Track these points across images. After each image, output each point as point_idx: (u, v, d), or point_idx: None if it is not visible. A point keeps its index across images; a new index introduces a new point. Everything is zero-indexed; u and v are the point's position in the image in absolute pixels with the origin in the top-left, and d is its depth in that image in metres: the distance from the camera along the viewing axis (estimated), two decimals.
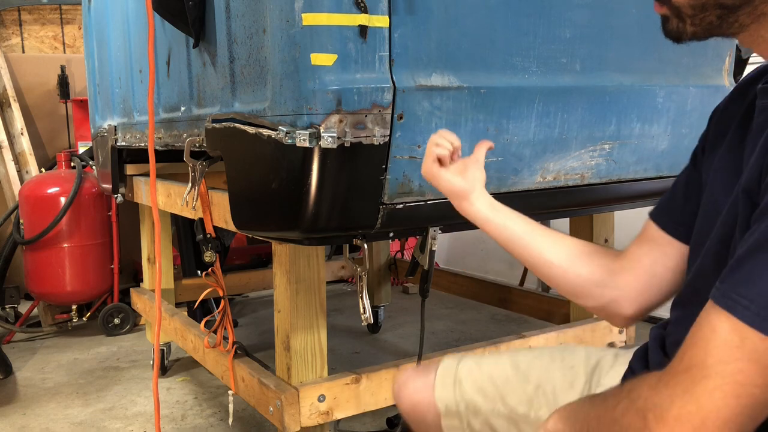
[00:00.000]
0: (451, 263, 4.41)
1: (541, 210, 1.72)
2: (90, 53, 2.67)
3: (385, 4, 1.23)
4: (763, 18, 0.81)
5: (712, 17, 0.83)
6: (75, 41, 4.93)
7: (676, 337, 0.91)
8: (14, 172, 3.82)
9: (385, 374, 1.68)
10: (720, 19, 0.83)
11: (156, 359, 1.91)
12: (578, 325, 2.05)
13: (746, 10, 0.81)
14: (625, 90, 1.61)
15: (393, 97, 1.26)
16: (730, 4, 0.81)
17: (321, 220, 1.28)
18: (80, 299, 3.34)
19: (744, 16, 0.82)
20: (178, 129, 1.81)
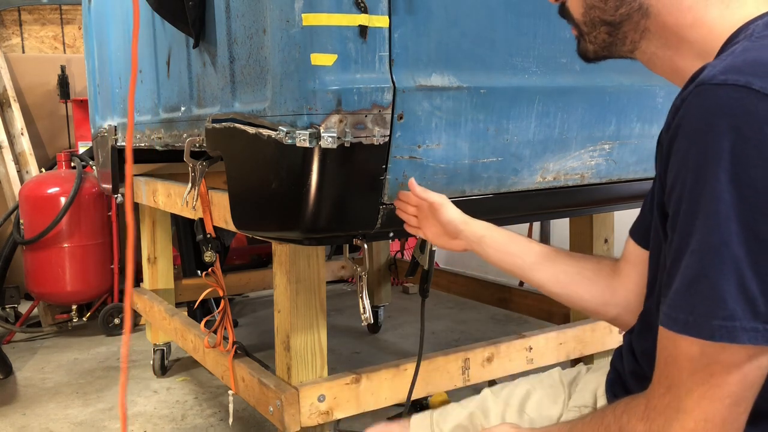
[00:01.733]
0: (451, 263, 4.41)
1: (541, 210, 1.72)
2: (90, 53, 2.67)
3: (385, 4, 1.23)
4: (648, 34, 0.84)
5: (603, 34, 0.87)
6: (75, 41, 4.93)
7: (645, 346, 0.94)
8: (14, 172, 3.82)
9: (385, 374, 1.68)
10: (610, 36, 0.87)
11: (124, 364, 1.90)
12: (578, 325, 2.05)
13: (629, 26, 0.85)
14: (625, 90, 1.61)
15: (393, 97, 1.26)
16: (611, 20, 0.85)
17: (321, 220, 1.28)
18: (80, 299, 3.34)
19: (631, 33, 0.85)
20: (178, 129, 1.81)
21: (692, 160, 0.69)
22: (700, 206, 0.68)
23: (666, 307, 0.71)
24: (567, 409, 1.12)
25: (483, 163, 1.43)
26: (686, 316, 0.69)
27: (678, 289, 0.70)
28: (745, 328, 0.66)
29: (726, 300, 0.66)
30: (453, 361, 1.78)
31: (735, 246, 0.66)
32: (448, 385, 1.79)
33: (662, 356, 0.74)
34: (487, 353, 1.85)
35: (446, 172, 1.38)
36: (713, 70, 0.69)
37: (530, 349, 1.92)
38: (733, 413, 0.69)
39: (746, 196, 0.65)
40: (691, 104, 0.70)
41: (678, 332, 0.70)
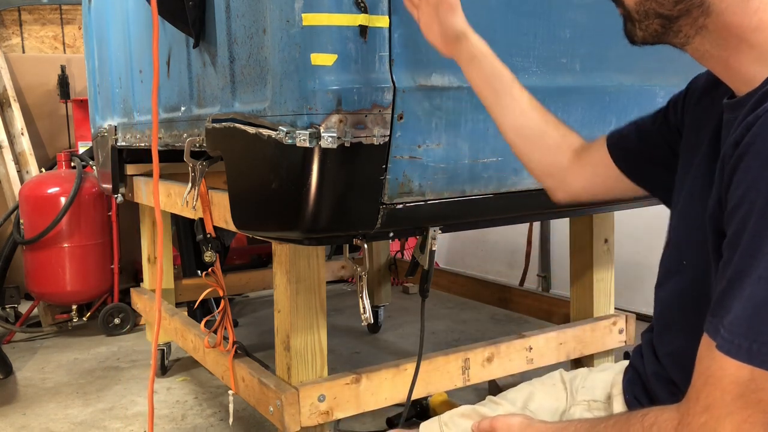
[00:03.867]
0: (451, 263, 4.41)
1: (541, 210, 1.72)
2: (90, 53, 2.67)
3: (385, 4, 1.23)
4: (704, 31, 0.82)
5: (655, 26, 0.85)
6: (75, 41, 4.93)
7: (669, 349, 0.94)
8: (14, 172, 3.81)
9: (385, 374, 1.68)
10: (663, 28, 0.84)
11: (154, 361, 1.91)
12: (578, 325, 2.05)
13: (686, 21, 0.82)
14: (625, 90, 1.61)
15: (393, 97, 1.26)
16: (668, 14, 0.82)
17: (321, 220, 1.28)
18: (80, 299, 3.34)
19: (687, 27, 0.82)
20: (178, 129, 1.81)
21: (765, 181, 0.68)
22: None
23: (725, 331, 0.70)
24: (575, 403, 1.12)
25: (483, 163, 1.42)
26: (750, 344, 0.68)
27: (741, 315, 0.69)
28: None
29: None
30: (453, 361, 1.78)
31: None
32: (448, 385, 1.79)
33: (703, 375, 0.72)
34: (487, 353, 1.85)
35: (446, 172, 1.38)
36: None
37: (530, 349, 1.92)
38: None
39: None
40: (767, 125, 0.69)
41: (737, 359, 0.69)
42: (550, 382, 1.19)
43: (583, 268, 2.16)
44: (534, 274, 3.84)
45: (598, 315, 2.14)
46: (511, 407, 1.13)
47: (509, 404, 1.15)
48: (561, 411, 1.13)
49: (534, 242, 3.79)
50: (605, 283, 2.16)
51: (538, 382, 1.20)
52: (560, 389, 1.17)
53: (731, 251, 0.72)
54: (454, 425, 1.12)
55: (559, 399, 1.15)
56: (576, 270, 2.19)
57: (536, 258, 3.82)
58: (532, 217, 2.42)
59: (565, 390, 1.16)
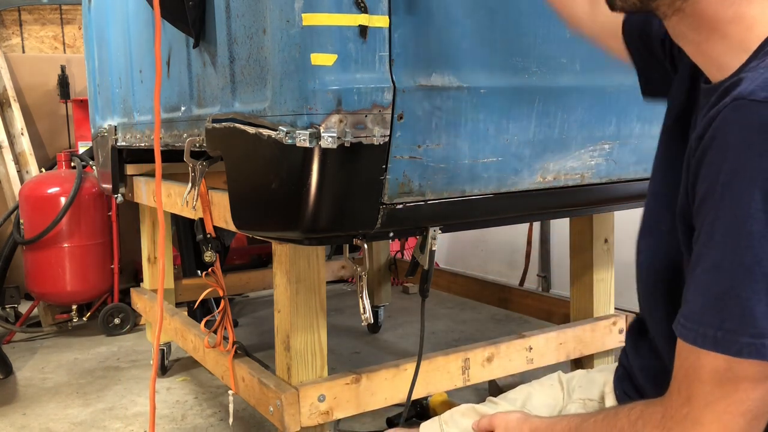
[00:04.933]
0: (451, 263, 4.41)
1: (541, 210, 1.72)
2: (90, 53, 2.67)
3: (385, 4, 1.23)
4: (681, 13, 0.81)
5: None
6: (75, 41, 4.93)
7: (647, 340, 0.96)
8: (14, 172, 3.82)
9: (385, 374, 1.68)
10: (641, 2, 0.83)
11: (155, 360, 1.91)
12: (578, 325, 2.05)
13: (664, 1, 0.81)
14: (625, 90, 1.61)
15: (393, 97, 1.26)
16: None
17: (321, 220, 1.28)
18: (80, 299, 3.34)
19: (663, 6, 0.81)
20: (178, 129, 1.81)
21: (726, 176, 0.68)
22: (733, 224, 0.68)
23: (690, 321, 0.71)
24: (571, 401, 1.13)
25: (483, 163, 1.42)
26: (714, 332, 0.69)
27: (705, 303, 0.70)
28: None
29: (756, 318, 0.66)
30: (453, 361, 1.78)
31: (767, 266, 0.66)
32: (448, 385, 1.79)
33: (683, 367, 0.73)
34: (487, 353, 1.85)
35: (446, 172, 1.38)
36: (752, 85, 0.68)
37: (530, 349, 1.92)
38: (753, 427, 0.69)
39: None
40: (728, 119, 0.69)
41: (705, 348, 0.69)
42: (548, 383, 1.20)
43: (583, 268, 2.16)
44: (534, 274, 3.84)
45: (598, 315, 2.14)
46: (510, 406, 1.14)
47: (508, 404, 1.15)
48: (558, 409, 1.14)
49: (534, 242, 3.79)
50: (605, 283, 2.16)
51: (536, 383, 1.21)
52: (557, 389, 1.18)
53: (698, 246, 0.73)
54: (454, 424, 1.13)
55: (556, 398, 1.16)
56: (576, 270, 2.19)
57: (536, 258, 3.82)
58: (532, 217, 2.42)
59: (562, 390, 1.17)
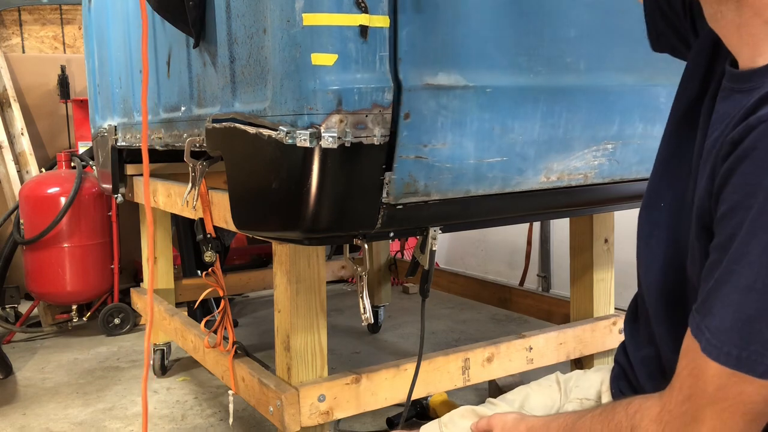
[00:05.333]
0: (451, 263, 4.41)
1: (544, 209, 1.72)
2: (90, 53, 2.67)
3: (385, 4, 1.23)
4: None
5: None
6: (75, 41, 4.93)
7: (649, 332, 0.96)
8: (14, 172, 3.82)
9: (385, 374, 1.68)
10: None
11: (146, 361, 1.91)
12: (578, 325, 2.05)
13: None
14: (629, 89, 1.60)
15: (393, 97, 1.26)
16: None
17: (321, 220, 1.28)
18: (80, 299, 3.34)
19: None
20: (179, 129, 1.81)
21: (764, 191, 0.67)
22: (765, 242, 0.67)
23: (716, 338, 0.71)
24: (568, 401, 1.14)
25: (488, 162, 1.42)
26: (739, 352, 0.69)
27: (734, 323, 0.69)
28: None
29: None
30: (453, 361, 1.78)
31: None
32: (448, 385, 1.79)
33: (688, 367, 0.73)
34: (487, 353, 1.84)
35: (452, 172, 1.38)
36: None
37: (530, 349, 1.92)
38: (752, 428, 0.70)
39: None
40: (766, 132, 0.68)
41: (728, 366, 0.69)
42: (545, 383, 1.21)
43: (583, 268, 2.16)
44: (534, 274, 3.84)
45: (598, 315, 2.14)
46: (508, 407, 1.14)
47: (506, 405, 1.16)
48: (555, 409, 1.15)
49: (534, 242, 3.79)
50: (605, 283, 2.16)
51: (534, 384, 1.21)
52: (555, 390, 1.19)
53: (722, 254, 0.72)
54: (454, 425, 1.13)
55: (553, 398, 1.17)
56: (576, 270, 2.19)
57: (536, 258, 3.82)
58: (532, 217, 2.42)
59: (560, 390, 1.18)
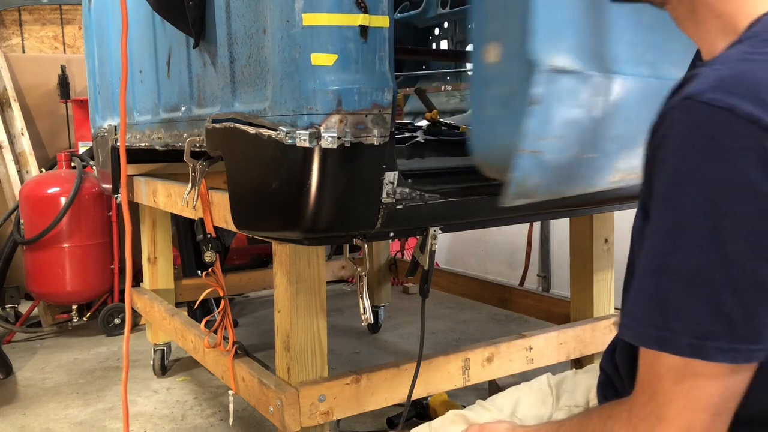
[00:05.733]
0: (451, 263, 4.41)
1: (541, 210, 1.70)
2: (90, 53, 2.67)
3: (385, 4, 1.23)
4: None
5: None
6: (75, 41, 4.93)
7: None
8: (14, 172, 3.82)
9: (385, 374, 1.68)
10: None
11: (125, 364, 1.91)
12: (578, 325, 2.05)
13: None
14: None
15: (393, 97, 1.26)
16: None
17: (321, 220, 1.28)
18: (80, 299, 3.34)
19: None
20: (179, 129, 1.81)
21: (674, 176, 0.68)
22: (674, 228, 0.68)
23: (633, 321, 0.72)
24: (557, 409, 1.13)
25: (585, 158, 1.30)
26: (658, 332, 0.69)
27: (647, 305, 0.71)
28: (722, 349, 0.66)
29: (702, 321, 0.67)
30: (453, 361, 1.78)
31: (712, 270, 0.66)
32: (448, 385, 1.79)
33: (644, 366, 0.74)
34: (487, 353, 1.84)
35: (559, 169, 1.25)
36: (704, 83, 0.67)
37: (530, 349, 1.92)
38: (716, 423, 0.70)
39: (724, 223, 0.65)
40: (676, 119, 0.68)
41: (651, 348, 0.70)
42: (537, 385, 1.19)
43: (583, 268, 2.16)
44: (534, 274, 3.84)
45: (598, 315, 2.14)
46: (499, 414, 1.14)
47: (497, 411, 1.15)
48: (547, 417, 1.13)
49: (534, 242, 3.79)
50: (605, 283, 2.16)
51: (525, 387, 1.19)
52: (547, 394, 1.17)
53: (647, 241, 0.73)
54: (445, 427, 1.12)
55: (545, 403, 1.15)
56: (576, 270, 2.19)
57: (536, 258, 3.82)
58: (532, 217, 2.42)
59: (552, 395, 1.17)
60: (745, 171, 0.64)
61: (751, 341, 0.66)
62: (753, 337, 0.66)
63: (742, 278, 0.65)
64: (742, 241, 0.65)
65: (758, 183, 0.64)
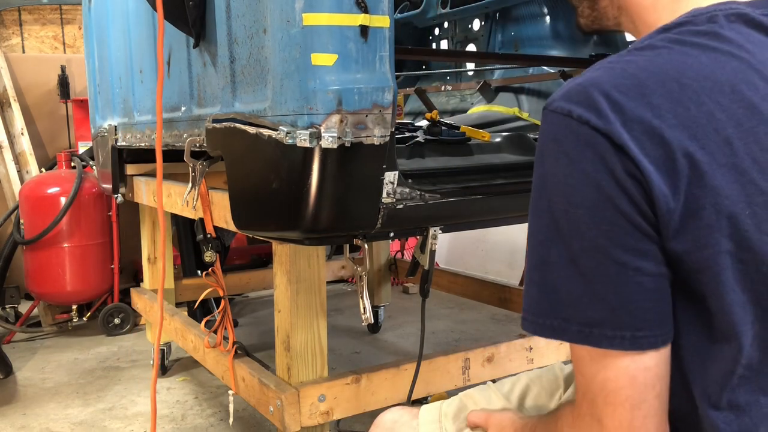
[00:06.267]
0: (451, 263, 4.41)
1: None
2: (90, 53, 2.67)
3: (385, 4, 1.23)
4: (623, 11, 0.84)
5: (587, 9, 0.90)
6: (75, 41, 4.93)
7: None
8: (14, 172, 3.82)
9: (385, 374, 1.68)
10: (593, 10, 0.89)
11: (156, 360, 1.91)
12: None
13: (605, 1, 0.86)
14: None
15: (394, 97, 1.26)
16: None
17: (321, 220, 1.28)
18: (80, 299, 3.34)
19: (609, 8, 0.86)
20: (179, 129, 1.81)
21: (534, 181, 0.74)
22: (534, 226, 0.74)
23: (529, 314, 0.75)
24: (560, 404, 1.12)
25: None
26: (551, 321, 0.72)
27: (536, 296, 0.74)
28: (606, 335, 0.68)
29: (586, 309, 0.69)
30: (453, 361, 1.78)
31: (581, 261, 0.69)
32: (448, 385, 1.79)
33: (576, 366, 0.75)
34: (487, 353, 1.85)
35: None
36: (557, 93, 0.73)
37: (530, 349, 1.93)
38: (637, 417, 0.69)
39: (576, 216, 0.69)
40: (541, 128, 0.74)
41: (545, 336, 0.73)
42: (547, 376, 1.18)
43: None
44: None
45: None
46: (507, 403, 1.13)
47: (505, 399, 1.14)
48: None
49: None
50: None
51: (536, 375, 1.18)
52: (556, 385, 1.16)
53: None
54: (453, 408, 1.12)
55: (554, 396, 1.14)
56: None
57: None
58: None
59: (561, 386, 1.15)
60: (583, 165, 0.68)
61: (635, 328, 0.68)
62: (635, 323, 0.68)
63: (605, 265, 0.68)
64: (595, 231, 0.68)
65: (593, 174, 0.68)
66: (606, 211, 0.68)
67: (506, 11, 2.85)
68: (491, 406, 1.12)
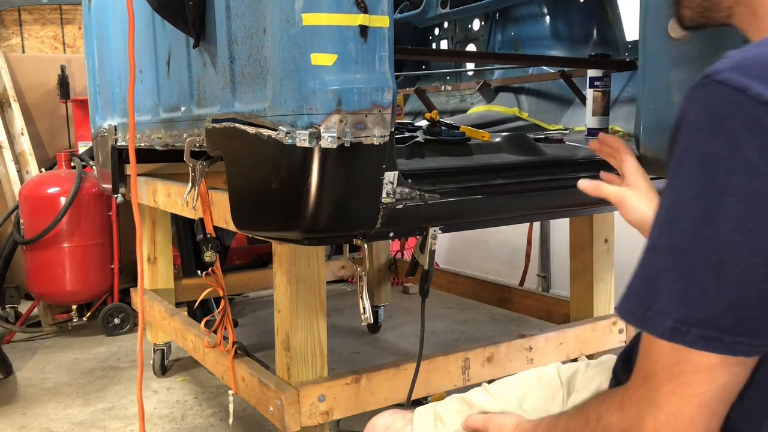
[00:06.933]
0: (451, 263, 4.41)
1: (542, 210, 1.71)
2: (90, 53, 2.67)
3: (385, 4, 1.23)
4: (741, 4, 0.78)
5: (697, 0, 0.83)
6: (75, 41, 4.93)
7: None
8: (14, 172, 3.82)
9: (385, 374, 1.68)
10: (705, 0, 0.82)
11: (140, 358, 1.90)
12: (578, 325, 2.05)
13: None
14: None
15: (393, 97, 1.26)
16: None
17: (321, 219, 1.28)
18: (80, 299, 3.34)
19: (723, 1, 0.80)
20: (178, 129, 1.81)
21: (680, 155, 0.67)
22: (672, 207, 0.67)
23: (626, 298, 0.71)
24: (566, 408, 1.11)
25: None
26: (644, 311, 0.68)
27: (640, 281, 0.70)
28: (705, 336, 0.65)
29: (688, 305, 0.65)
30: (453, 361, 1.78)
31: (701, 253, 0.64)
32: (448, 385, 1.79)
33: (642, 347, 0.72)
34: (487, 353, 1.85)
35: None
36: (724, 63, 0.66)
37: (530, 349, 1.92)
38: (703, 414, 0.67)
39: (720, 203, 0.63)
40: (695, 98, 0.67)
41: (631, 323, 0.70)
42: (546, 378, 1.16)
43: (583, 268, 2.16)
44: (534, 274, 3.84)
45: (598, 315, 2.14)
46: (505, 405, 1.11)
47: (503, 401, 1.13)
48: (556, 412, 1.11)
49: (534, 242, 3.79)
50: (605, 283, 2.16)
51: (534, 377, 1.17)
52: (557, 388, 1.14)
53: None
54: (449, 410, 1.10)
55: (555, 399, 1.12)
56: (576, 270, 2.19)
57: (536, 258, 3.82)
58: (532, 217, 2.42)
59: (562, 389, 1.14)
60: (748, 152, 0.62)
61: (737, 333, 0.64)
62: (739, 328, 0.64)
63: (728, 266, 0.63)
64: (736, 225, 0.63)
65: (758, 165, 0.62)
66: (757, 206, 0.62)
67: (506, 11, 2.85)
68: (488, 408, 1.11)
